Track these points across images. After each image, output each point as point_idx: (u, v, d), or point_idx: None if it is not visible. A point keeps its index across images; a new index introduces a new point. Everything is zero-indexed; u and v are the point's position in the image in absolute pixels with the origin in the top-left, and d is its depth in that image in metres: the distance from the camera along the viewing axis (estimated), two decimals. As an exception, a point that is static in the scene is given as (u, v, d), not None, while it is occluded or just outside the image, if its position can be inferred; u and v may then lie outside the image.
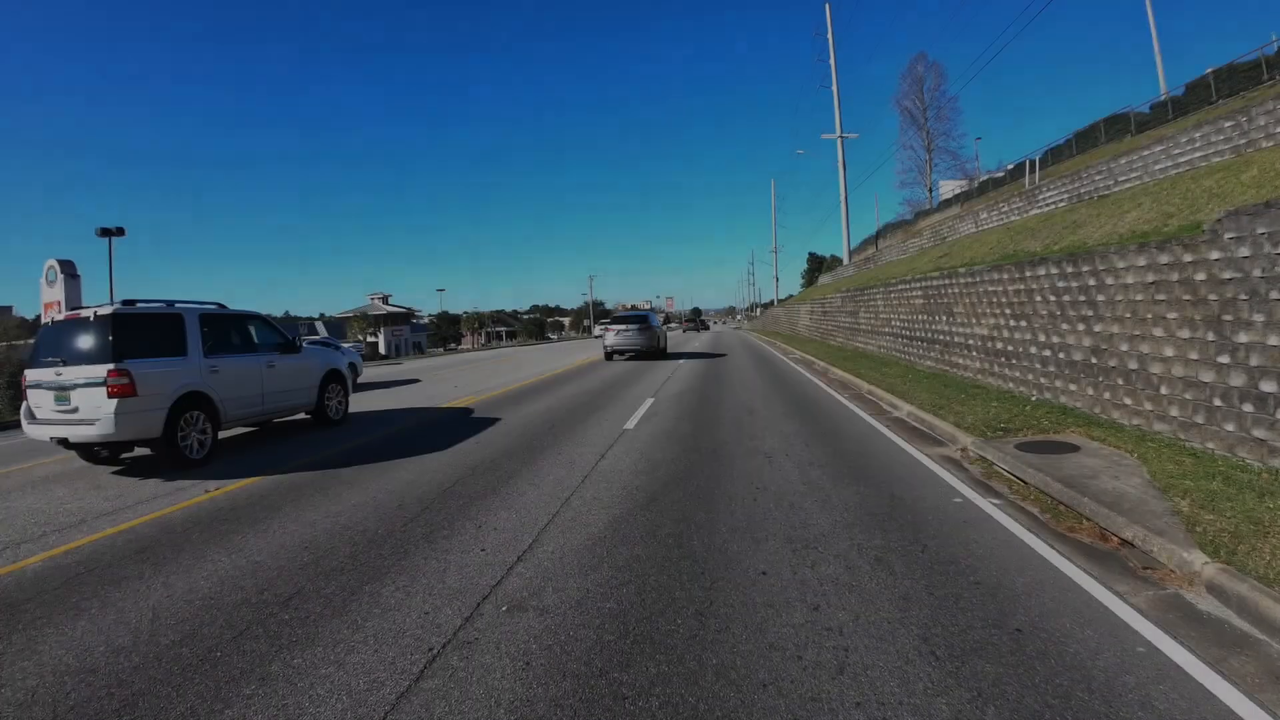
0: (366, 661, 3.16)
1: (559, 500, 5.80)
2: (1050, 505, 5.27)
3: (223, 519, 5.68)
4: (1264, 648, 3.11)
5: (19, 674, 3.18)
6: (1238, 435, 5.73)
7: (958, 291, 12.98)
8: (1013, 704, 2.67)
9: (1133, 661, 3.00)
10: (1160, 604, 3.58)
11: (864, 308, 22.09)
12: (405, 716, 2.71)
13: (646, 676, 2.94)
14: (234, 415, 8.72)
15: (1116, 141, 26.97)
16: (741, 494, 5.80)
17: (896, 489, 5.87)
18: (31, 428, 7.84)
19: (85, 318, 7.70)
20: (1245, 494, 4.76)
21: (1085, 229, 10.94)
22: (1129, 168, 16.75)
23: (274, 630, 3.52)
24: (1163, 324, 6.80)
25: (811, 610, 3.53)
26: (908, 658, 3.03)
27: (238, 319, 9.27)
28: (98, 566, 4.63)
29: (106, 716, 2.80)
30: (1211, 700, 2.72)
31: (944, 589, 3.76)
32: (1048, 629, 3.30)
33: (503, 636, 3.35)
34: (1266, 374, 5.42)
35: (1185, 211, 8.14)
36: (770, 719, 2.61)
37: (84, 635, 3.57)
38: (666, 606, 3.63)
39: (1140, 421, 7.12)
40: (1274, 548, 3.83)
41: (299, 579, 4.23)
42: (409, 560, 4.48)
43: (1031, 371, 9.76)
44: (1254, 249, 5.65)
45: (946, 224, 31.35)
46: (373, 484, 6.66)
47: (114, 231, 22.80)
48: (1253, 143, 12.62)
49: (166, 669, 3.16)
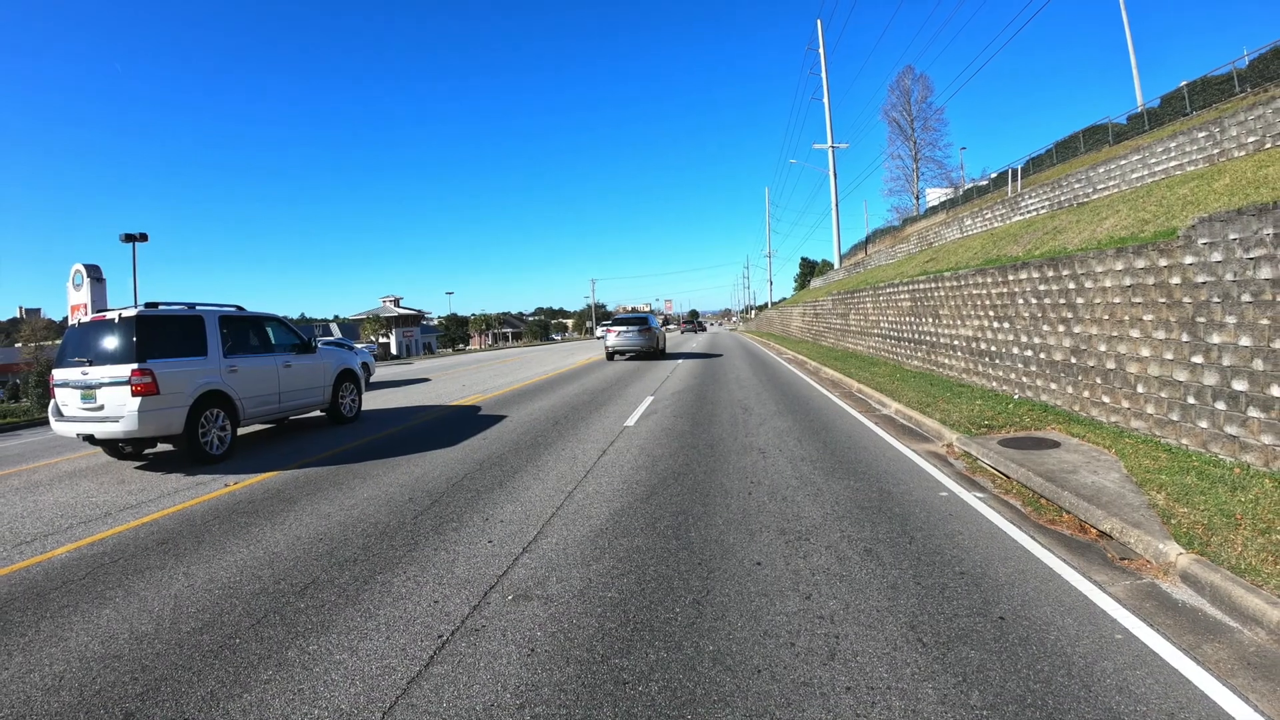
0: (379, 648, 3.16)
1: (563, 494, 5.80)
2: (1032, 499, 5.27)
3: (241, 512, 5.67)
4: (1236, 634, 3.11)
5: (47, 660, 3.18)
6: (1211, 432, 5.73)
7: (943, 294, 12.97)
8: (996, 688, 2.67)
9: (1111, 648, 3.00)
10: (1137, 593, 3.58)
11: (854, 310, 22.08)
12: (416, 700, 2.71)
13: (646, 662, 2.94)
14: (252, 413, 8.71)
15: (1095, 151, 26.95)
16: (737, 488, 5.80)
17: (885, 483, 5.87)
18: (59, 424, 7.84)
19: (110, 320, 7.70)
20: (1218, 488, 4.76)
21: (1065, 235, 10.94)
22: (1107, 176, 16.74)
23: (290, 618, 3.52)
24: (1139, 326, 6.80)
25: (804, 599, 3.53)
26: (895, 644, 3.03)
27: (256, 321, 9.26)
28: (122, 557, 4.63)
29: (130, 701, 2.80)
30: (1186, 685, 2.72)
31: (930, 579, 3.76)
32: (1029, 617, 3.30)
33: (509, 624, 3.35)
34: (1238, 373, 5.42)
35: (1161, 218, 8.14)
36: (764, 703, 2.61)
37: (109, 623, 3.57)
38: (665, 596, 3.63)
39: (1118, 419, 7.12)
40: (1245, 539, 3.83)
41: (314, 569, 4.23)
42: (419, 551, 4.48)
43: (1014, 371, 9.75)
44: (1226, 254, 5.65)
45: (933, 230, 31.32)
46: (384, 478, 6.66)
47: (137, 237, 22.79)
48: (1225, 152, 12.61)
49: (188, 655, 3.16)
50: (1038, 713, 2.52)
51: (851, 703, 2.60)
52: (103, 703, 2.79)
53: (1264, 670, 2.81)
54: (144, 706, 2.75)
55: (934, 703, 2.58)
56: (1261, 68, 20.45)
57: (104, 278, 17.11)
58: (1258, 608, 3.15)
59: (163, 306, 8.12)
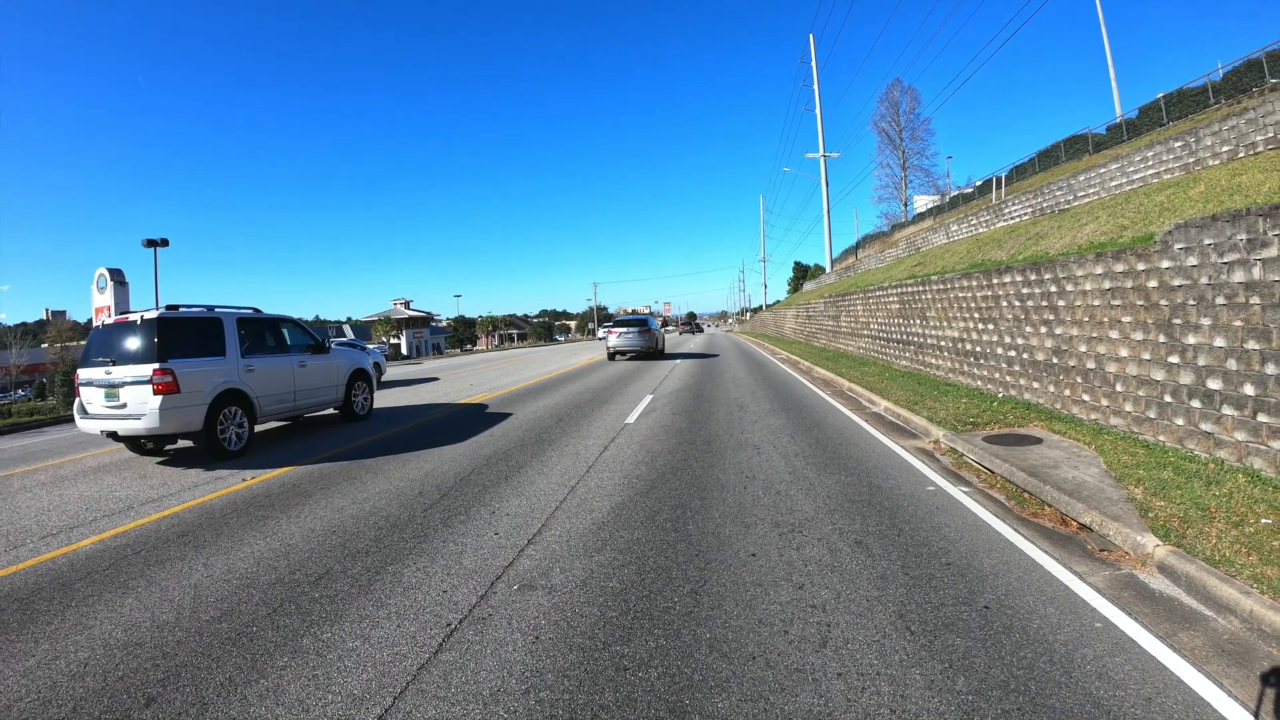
0: (390, 636, 3.16)
1: (566, 488, 5.80)
2: (1015, 493, 5.27)
3: (258, 505, 5.67)
4: (1210, 623, 3.12)
5: (72, 647, 3.19)
6: (1187, 429, 5.73)
7: (930, 297, 12.97)
8: (981, 674, 2.68)
9: (1091, 636, 3.01)
10: (1116, 583, 3.58)
11: (845, 312, 22.08)
12: (425, 686, 2.71)
13: (646, 649, 2.94)
14: (268, 410, 8.71)
15: (1076, 160, 26.94)
16: (733, 483, 5.79)
17: (874, 478, 5.86)
18: (83, 422, 7.84)
19: (133, 321, 7.70)
20: (1194, 483, 4.76)
21: (1047, 240, 10.94)
22: (1087, 184, 16.73)
23: (305, 607, 3.52)
24: (1118, 327, 6.80)
25: (797, 589, 3.53)
26: (885, 632, 3.03)
27: (272, 322, 9.26)
28: (144, 549, 4.63)
29: (152, 686, 2.80)
30: (1162, 671, 2.72)
31: (918, 570, 3.76)
32: (1013, 606, 3.30)
33: (514, 613, 3.36)
34: (1213, 373, 5.42)
35: (1139, 224, 8.14)
36: (759, 689, 2.62)
37: (131, 611, 3.57)
38: (664, 585, 3.63)
39: (1097, 416, 7.12)
40: (1220, 531, 3.84)
41: (328, 560, 4.23)
42: (428, 543, 4.48)
43: (998, 370, 9.75)
44: (1201, 258, 5.65)
45: (920, 235, 31.32)
46: (395, 473, 6.66)
47: (159, 242, 22.80)
48: (1200, 161, 12.60)
49: (207, 642, 3.16)
50: (1021, 698, 2.52)
51: (842, 688, 2.60)
52: (126, 688, 2.79)
53: (1237, 657, 2.81)
54: (165, 692, 2.75)
55: (921, 688, 2.59)
56: (1235, 80, 20.46)
57: (127, 281, 17.12)
58: (1231, 597, 3.15)
59: (183, 309, 8.13)
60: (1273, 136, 10.73)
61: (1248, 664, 2.75)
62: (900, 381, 12.02)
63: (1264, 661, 2.77)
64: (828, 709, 2.48)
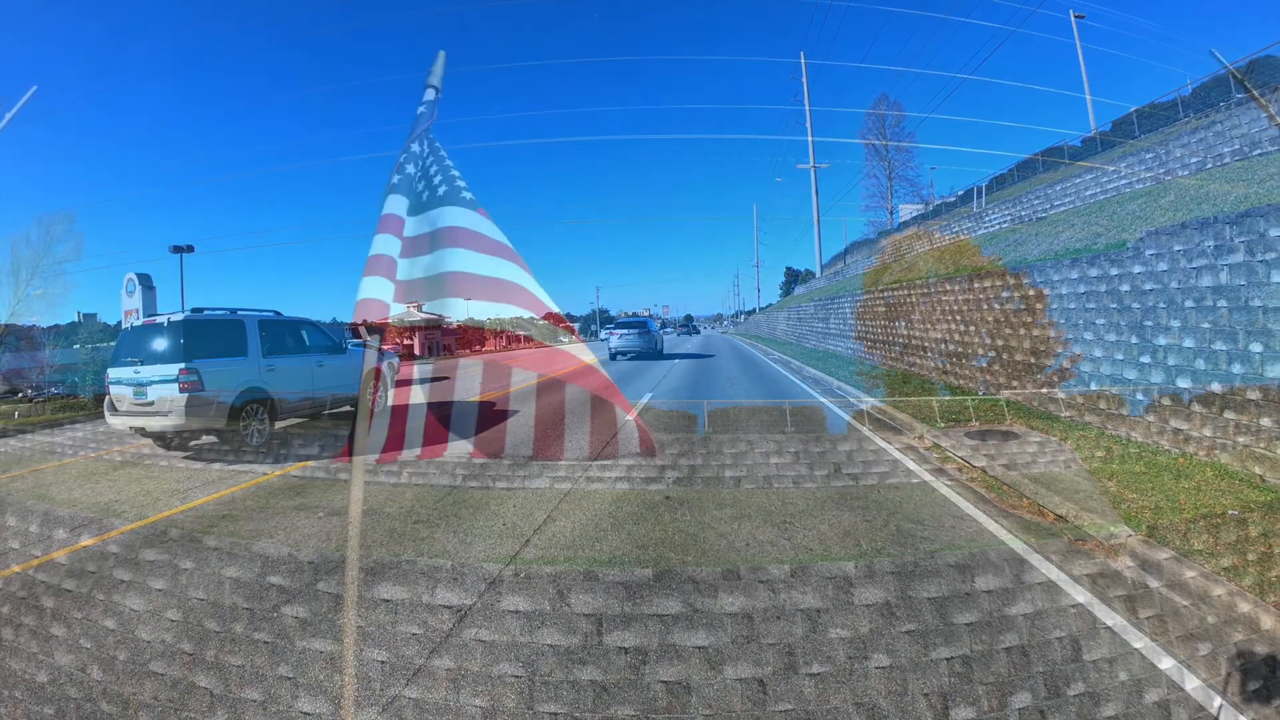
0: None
1: (580, 470, 5.90)
2: (995, 485, 5.28)
3: (281, 496, 5.67)
4: (1179, 607, 3.13)
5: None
6: (1158, 426, 5.74)
7: (915, 300, 12.98)
8: (966, 654, 2.69)
9: (1066, 619, 3.02)
10: (1090, 570, 3.59)
11: (834, 315, 22.10)
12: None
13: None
14: (288, 408, 8.72)
15: (1053, 171, 26.86)
16: (729, 478, 5.80)
17: (862, 472, 5.87)
18: (113, 419, 7.85)
19: (160, 323, 7.71)
20: (1164, 476, 4.78)
21: (1025, 246, 10.96)
22: (1063, 193, 16.76)
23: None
24: (1092, 329, 6.81)
25: (791, 579, 3.54)
26: (877, 627, 3.04)
27: (291, 324, 9.28)
28: (169, 539, 4.62)
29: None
30: (1133, 652, 2.74)
31: (903, 559, 3.77)
32: (993, 592, 3.31)
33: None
34: (1182, 372, 5.44)
35: (1112, 231, 8.16)
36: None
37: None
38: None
39: (1072, 413, 7.13)
40: (1188, 521, 3.85)
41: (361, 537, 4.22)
42: (460, 521, 4.47)
43: (979, 370, 9.76)
44: (1171, 264, 5.67)
45: (906, 242, 31.24)
46: (411, 466, 6.66)
47: (185, 249, 22.81)
48: (1170, 172, 12.62)
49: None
50: (1009, 670, 2.53)
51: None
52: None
53: (1202, 636, 2.82)
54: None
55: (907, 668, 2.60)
56: (1203, 95, 20.42)
57: (154, 285, 17.15)
58: (1197, 583, 3.17)
59: (207, 311, 8.14)
60: (1239, 149, 10.75)
61: (1215, 642, 2.77)
62: (887, 380, 12.03)
63: (1227, 643, 2.78)
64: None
